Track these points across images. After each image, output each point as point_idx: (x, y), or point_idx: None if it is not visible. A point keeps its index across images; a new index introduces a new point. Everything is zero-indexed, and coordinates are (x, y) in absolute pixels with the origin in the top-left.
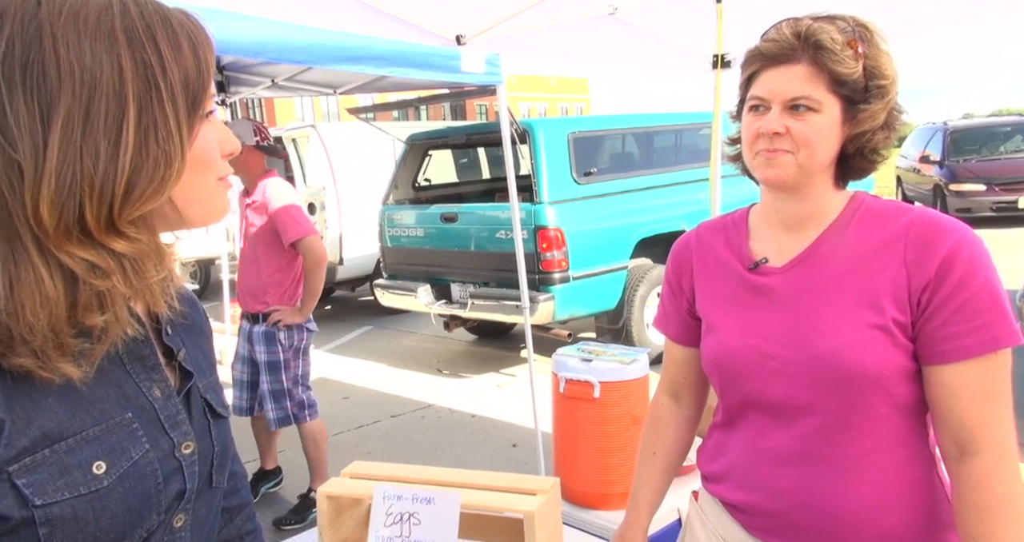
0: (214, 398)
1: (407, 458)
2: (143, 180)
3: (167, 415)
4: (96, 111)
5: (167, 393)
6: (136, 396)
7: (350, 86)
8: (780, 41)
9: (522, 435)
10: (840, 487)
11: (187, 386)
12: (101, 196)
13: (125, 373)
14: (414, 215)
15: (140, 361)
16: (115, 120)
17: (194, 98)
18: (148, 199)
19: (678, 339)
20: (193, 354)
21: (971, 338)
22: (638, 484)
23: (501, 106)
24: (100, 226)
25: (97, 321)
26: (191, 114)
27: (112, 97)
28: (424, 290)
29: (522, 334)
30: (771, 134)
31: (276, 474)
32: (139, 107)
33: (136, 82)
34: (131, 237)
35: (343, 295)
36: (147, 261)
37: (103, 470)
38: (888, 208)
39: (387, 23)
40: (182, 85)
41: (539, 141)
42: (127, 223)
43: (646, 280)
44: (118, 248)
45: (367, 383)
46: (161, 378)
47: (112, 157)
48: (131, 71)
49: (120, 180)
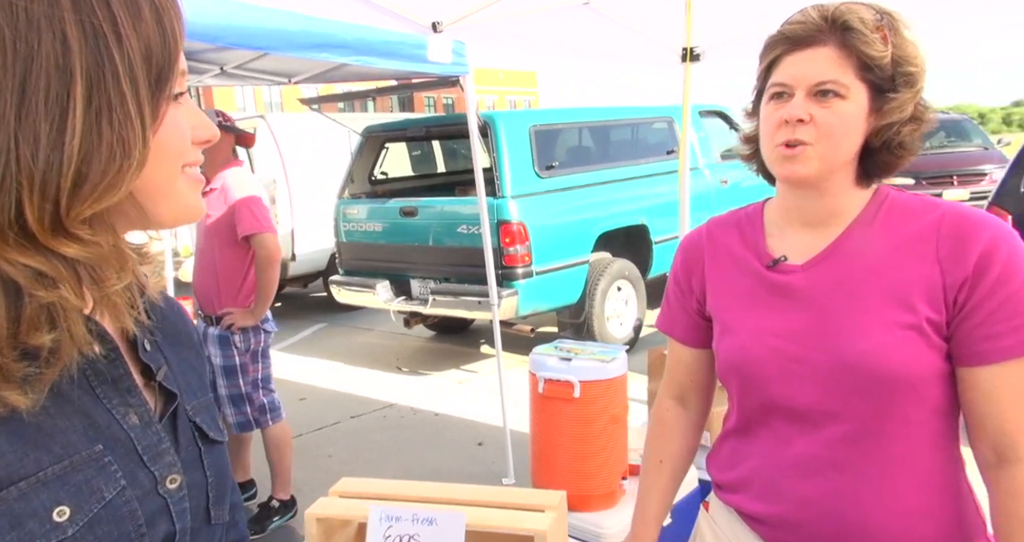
0: (206, 421)
1: (370, 460)
2: (95, 171)
3: (146, 445)
4: (33, 88)
5: (146, 419)
6: (108, 425)
7: (306, 75)
8: (807, 23)
9: (488, 433)
10: (871, 496)
11: (171, 409)
12: (43, 190)
13: (94, 399)
14: (372, 209)
15: (112, 383)
16: (58, 99)
17: (158, 74)
18: (102, 194)
19: (685, 340)
20: (179, 371)
21: (1012, 338)
22: (645, 494)
23: (469, 98)
24: (44, 227)
25: (44, 340)
26: (154, 94)
27: (54, 71)
28: (383, 286)
29: (482, 330)
30: (795, 121)
31: (248, 488)
32: (88, 83)
33: (84, 53)
34: (84, 239)
35: (295, 292)
36: (106, 267)
37: (66, 516)
38: (915, 202)
39: (360, 7)
40: (143, 58)
41: (500, 134)
42: (78, 223)
43: (607, 274)
44: (68, 252)
45: (324, 383)
46: (138, 402)
47: (56, 144)
48: (77, 40)
49: (66, 171)
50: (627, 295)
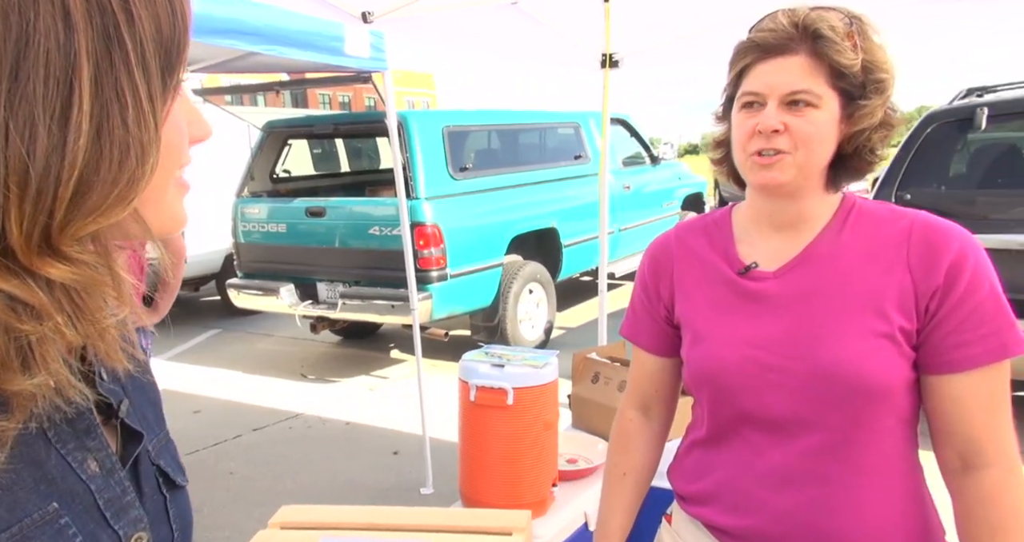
0: (169, 463)
1: (277, 475)
2: (103, 180)
3: (108, 498)
4: (29, 72)
5: (108, 466)
6: (64, 476)
7: (205, 64)
8: (777, 30)
9: (403, 441)
10: (845, 507)
11: (135, 452)
12: (37, 200)
13: (46, 443)
14: (274, 209)
15: (68, 424)
16: (59, 87)
17: (168, 62)
18: (111, 207)
19: (651, 349)
20: (137, 403)
21: (980, 346)
22: (608, 510)
23: (388, 96)
24: (31, 244)
25: (24, 386)
26: (165, 85)
27: (55, 52)
28: (287, 290)
29: (390, 333)
30: (769, 132)
31: None
32: (95, 70)
33: (89, 34)
34: (73, 258)
35: (185, 295)
36: (94, 294)
37: None
38: (882, 210)
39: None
40: (154, 42)
41: (413, 134)
42: (71, 240)
43: (520, 277)
44: (53, 275)
45: (221, 393)
46: (98, 445)
47: (57, 143)
48: (82, 16)
49: (67, 178)
50: (538, 298)
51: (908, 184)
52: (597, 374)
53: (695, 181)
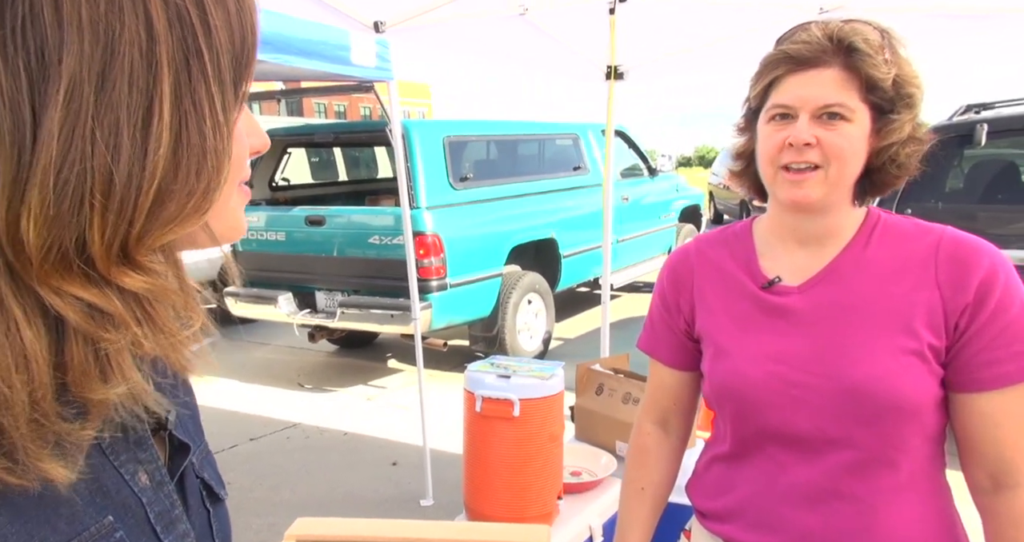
0: (212, 475)
1: (275, 486)
2: (180, 190)
3: (159, 512)
4: (116, 81)
5: (158, 478)
6: (118, 489)
7: None
8: (811, 43)
9: (402, 452)
10: (874, 527)
11: (182, 464)
12: (120, 210)
13: (100, 455)
14: (273, 217)
15: (122, 435)
16: (143, 97)
17: (238, 75)
18: (188, 217)
19: (671, 362)
20: (180, 415)
21: (1012, 364)
22: (626, 525)
23: (393, 105)
24: (111, 253)
25: (107, 394)
26: (236, 96)
27: (139, 62)
28: (285, 299)
29: (388, 343)
30: (801, 145)
31: None
32: (175, 80)
33: (170, 44)
34: (147, 268)
35: None
36: (164, 304)
37: None
38: (907, 224)
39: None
40: (229, 54)
41: (415, 143)
42: (147, 249)
43: (519, 287)
44: (128, 284)
45: (217, 402)
46: (149, 457)
47: (139, 151)
48: (163, 27)
49: (148, 187)
50: (537, 308)
51: (908, 199)
52: (601, 386)
53: (692, 193)
